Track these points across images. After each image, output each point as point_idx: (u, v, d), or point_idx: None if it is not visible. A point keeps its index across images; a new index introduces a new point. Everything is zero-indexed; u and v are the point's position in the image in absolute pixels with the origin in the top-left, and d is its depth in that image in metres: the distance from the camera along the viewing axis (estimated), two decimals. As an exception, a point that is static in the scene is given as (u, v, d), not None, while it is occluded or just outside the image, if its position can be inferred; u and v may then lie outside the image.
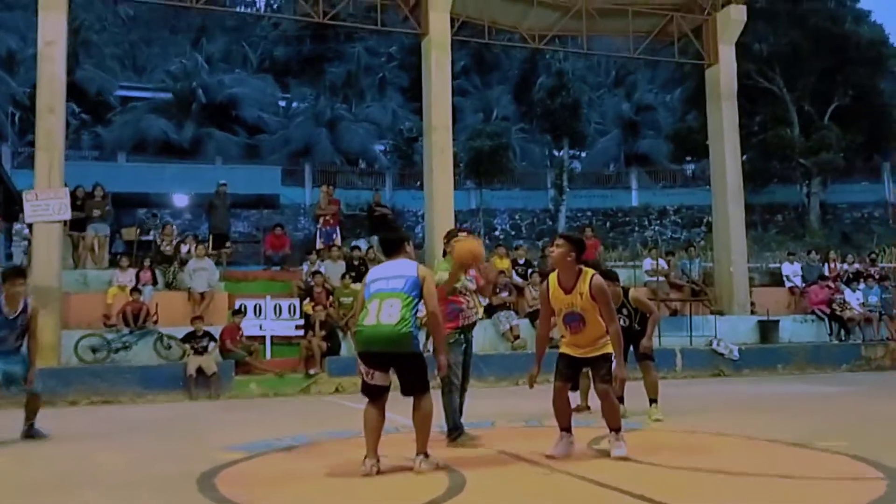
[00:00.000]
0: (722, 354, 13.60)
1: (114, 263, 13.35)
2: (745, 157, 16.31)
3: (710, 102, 16.30)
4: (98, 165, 24.10)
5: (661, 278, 15.21)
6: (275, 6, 53.01)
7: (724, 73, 15.91)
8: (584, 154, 36.23)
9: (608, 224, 29.25)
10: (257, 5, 57.23)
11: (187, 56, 37.79)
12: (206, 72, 35.87)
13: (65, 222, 12.80)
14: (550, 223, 29.19)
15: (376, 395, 4.90)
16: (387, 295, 4.86)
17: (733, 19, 15.75)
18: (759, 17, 22.79)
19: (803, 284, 16.48)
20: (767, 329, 14.80)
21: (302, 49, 43.90)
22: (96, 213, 13.70)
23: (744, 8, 15.87)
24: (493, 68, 44.44)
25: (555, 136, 31.62)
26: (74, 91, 36.24)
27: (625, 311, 7.33)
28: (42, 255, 11.50)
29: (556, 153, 33.48)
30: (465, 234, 6.37)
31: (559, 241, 5.28)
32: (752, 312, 15.42)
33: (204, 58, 38.30)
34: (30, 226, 11.98)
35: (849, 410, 8.57)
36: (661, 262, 15.53)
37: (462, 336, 6.07)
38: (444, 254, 6.51)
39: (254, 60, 44.13)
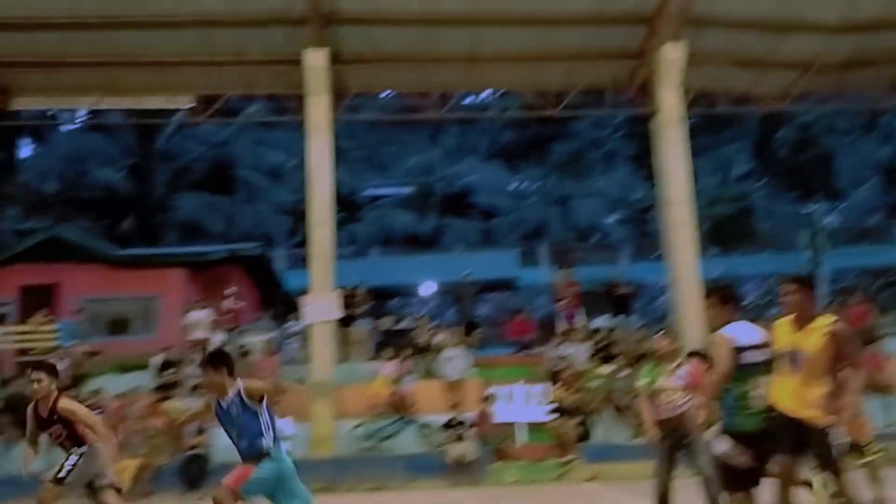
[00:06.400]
0: None
1: (377, 355, 14.44)
2: None
3: None
4: (354, 263, 26.13)
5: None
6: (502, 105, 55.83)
7: None
8: (839, 206, 33.28)
9: (876, 284, 26.32)
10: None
11: (425, 152, 40.76)
12: (442, 165, 38.38)
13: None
14: (809, 287, 26.76)
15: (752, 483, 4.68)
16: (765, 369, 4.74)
17: None
18: None
19: None
20: None
21: (527, 131, 45.56)
22: (359, 310, 15.04)
23: None
24: (727, 124, 42.82)
25: (803, 192, 29.36)
26: (330, 194, 40.55)
27: None
28: (319, 352, 12.84)
29: (807, 209, 31.09)
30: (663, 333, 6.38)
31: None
32: None
33: (439, 152, 41.02)
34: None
35: None
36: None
37: None
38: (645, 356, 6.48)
39: (484, 147, 46.49)
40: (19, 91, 15.23)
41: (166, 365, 13.23)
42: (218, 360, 5.23)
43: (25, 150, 36.89)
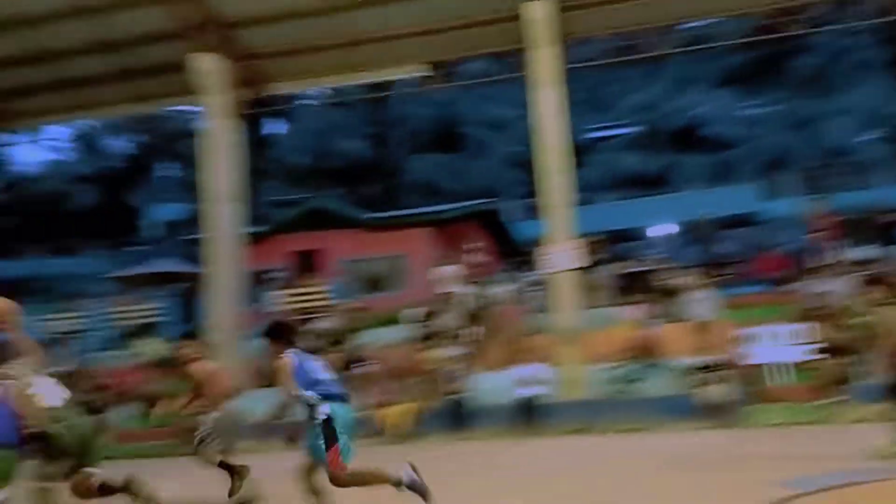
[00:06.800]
0: None
1: (620, 300, 14.53)
2: None
3: None
4: (586, 210, 25.77)
5: None
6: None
7: None
8: None
9: None
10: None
11: (646, 88, 39.21)
12: (666, 99, 36.76)
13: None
14: None
15: None
16: None
17: None
18: None
19: None
20: None
21: (760, 51, 41.96)
22: (599, 256, 15.18)
23: None
24: None
25: None
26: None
27: None
28: (563, 299, 13.23)
29: None
30: None
31: None
32: None
33: (661, 86, 39.27)
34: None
35: None
36: None
37: None
38: None
39: (711, 75, 43.65)
40: (274, 78, 17.00)
41: (426, 317, 14.34)
42: (277, 332, 5.11)
43: (273, 127, 41.00)
